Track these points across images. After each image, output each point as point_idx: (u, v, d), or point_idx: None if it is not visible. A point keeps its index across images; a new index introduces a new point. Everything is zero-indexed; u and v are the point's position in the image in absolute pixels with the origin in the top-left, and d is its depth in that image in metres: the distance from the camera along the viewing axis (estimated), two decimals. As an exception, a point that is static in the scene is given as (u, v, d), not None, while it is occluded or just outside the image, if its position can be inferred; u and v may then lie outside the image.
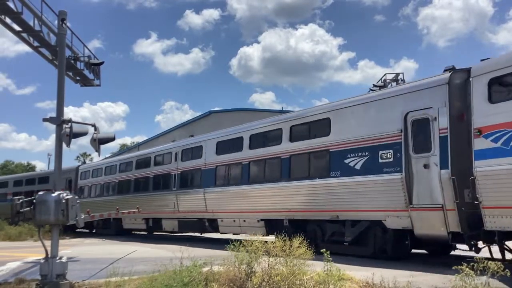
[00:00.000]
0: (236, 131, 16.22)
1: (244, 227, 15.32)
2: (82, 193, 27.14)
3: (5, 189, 35.65)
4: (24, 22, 10.82)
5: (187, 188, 18.39)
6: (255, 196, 14.74)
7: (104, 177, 25.89)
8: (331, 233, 12.34)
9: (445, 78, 9.68)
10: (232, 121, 28.85)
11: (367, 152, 11.06)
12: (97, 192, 26.31)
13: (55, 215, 7.55)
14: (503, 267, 5.20)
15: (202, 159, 17.60)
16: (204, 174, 17.31)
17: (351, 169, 11.39)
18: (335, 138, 12.05)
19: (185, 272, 6.65)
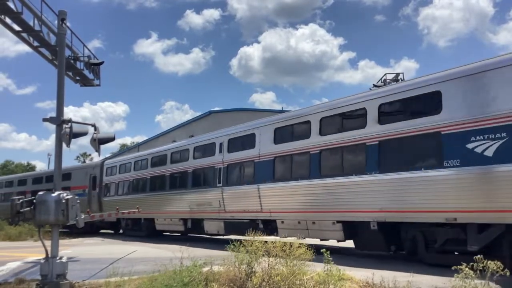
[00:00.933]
0: (301, 115, 13.67)
1: (314, 231, 12.80)
2: (108, 191, 25.39)
3: (25, 187, 33.99)
4: (24, 22, 10.83)
5: (237, 184, 15.72)
6: (329, 192, 12.10)
7: (133, 173, 23.40)
8: (444, 240, 9.88)
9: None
10: (232, 121, 28.87)
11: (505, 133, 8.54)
12: (125, 190, 23.97)
13: (55, 215, 7.55)
14: (502, 267, 5.20)
15: (255, 149, 15.02)
16: (258, 167, 14.71)
17: (478, 156, 8.86)
18: (449, 116, 9.51)
19: (185, 272, 6.66)
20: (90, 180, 26.99)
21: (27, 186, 33.96)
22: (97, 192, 26.33)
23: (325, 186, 12.14)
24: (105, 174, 26.06)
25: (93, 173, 27.02)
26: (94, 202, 26.35)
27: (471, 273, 5.25)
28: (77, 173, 28.31)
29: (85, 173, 27.61)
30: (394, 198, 10.38)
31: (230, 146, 16.34)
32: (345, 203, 11.62)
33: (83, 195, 26.22)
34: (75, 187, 26.90)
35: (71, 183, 27.40)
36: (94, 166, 27.80)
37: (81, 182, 27.45)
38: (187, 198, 18.40)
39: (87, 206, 24.52)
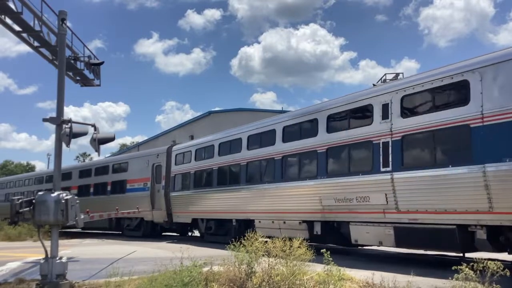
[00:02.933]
0: None
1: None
2: (179, 183, 19.94)
3: (69, 181, 28.07)
4: (24, 22, 10.84)
5: (428, 167, 9.73)
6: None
7: (218, 159, 17.22)
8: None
9: None
10: (232, 121, 28.88)
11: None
12: (205, 182, 18.11)
13: (54, 215, 7.54)
14: (502, 267, 5.20)
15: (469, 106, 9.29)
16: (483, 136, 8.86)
17: None
18: None
19: (185, 272, 6.65)
20: (153, 171, 21.72)
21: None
22: (163, 186, 20.98)
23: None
24: (174, 162, 20.44)
25: (157, 162, 21.64)
26: (159, 198, 21.29)
27: (471, 273, 5.26)
28: (136, 163, 23.39)
29: (146, 163, 22.28)
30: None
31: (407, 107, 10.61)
32: None
33: (144, 189, 22.09)
34: (133, 180, 23.01)
35: (128, 175, 23.55)
36: (158, 154, 22.04)
37: (141, 174, 22.50)
38: (314, 191, 12.50)
39: (149, 204, 21.51)
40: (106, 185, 25.33)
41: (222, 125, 23.91)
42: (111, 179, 25.20)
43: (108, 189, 25.15)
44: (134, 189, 22.89)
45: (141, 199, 21.71)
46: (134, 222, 22.95)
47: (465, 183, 8.96)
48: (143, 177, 22.42)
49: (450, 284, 5.66)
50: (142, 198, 21.79)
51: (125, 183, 23.57)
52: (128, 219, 23.16)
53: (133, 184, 23.03)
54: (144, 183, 22.25)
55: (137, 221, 22.76)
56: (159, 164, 21.58)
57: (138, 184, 22.62)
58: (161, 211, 21.05)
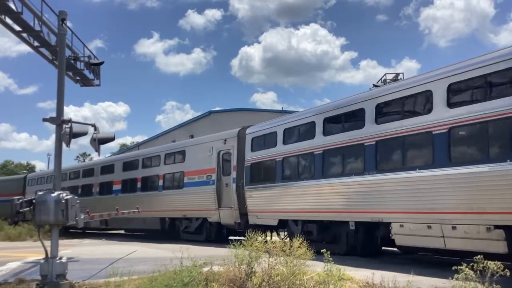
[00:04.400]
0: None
1: None
2: (258, 175, 15.53)
3: (111, 175, 24.58)
4: (24, 22, 10.85)
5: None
6: None
7: (324, 139, 12.67)
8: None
9: None
10: (232, 121, 28.86)
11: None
12: (301, 170, 13.70)
13: (54, 215, 7.54)
14: (502, 267, 5.20)
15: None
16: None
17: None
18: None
19: (185, 272, 6.65)
20: (220, 160, 17.42)
21: (100, 176, 25.67)
22: (234, 178, 16.59)
23: None
24: (249, 148, 15.91)
25: (225, 149, 17.35)
26: (227, 194, 16.86)
27: (471, 273, 5.25)
28: (195, 151, 18.97)
29: (209, 150, 17.88)
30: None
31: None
32: None
33: (207, 183, 17.68)
34: (193, 172, 18.63)
35: (185, 166, 19.19)
36: (226, 139, 17.50)
37: (203, 164, 18.24)
38: None
39: (214, 201, 17.21)
40: (157, 179, 20.85)
41: (222, 125, 23.59)
42: (163, 171, 20.54)
43: (160, 184, 20.51)
44: (194, 183, 18.48)
45: (203, 195, 17.77)
46: (194, 223, 18.48)
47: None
48: (205, 168, 17.99)
49: (450, 284, 5.65)
50: (205, 194, 17.65)
51: (183, 176, 19.16)
52: (185, 219, 19.10)
53: (192, 177, 18.56)
54: (207, 176, 17.78)
55: (197, 223, 18.28)
56: (227, 152, 17.14)
57: (199, 177, 18.14)
58: (230, 210, 16.48)
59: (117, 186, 23.60)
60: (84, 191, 26.05)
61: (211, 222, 17.71)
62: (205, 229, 18.16)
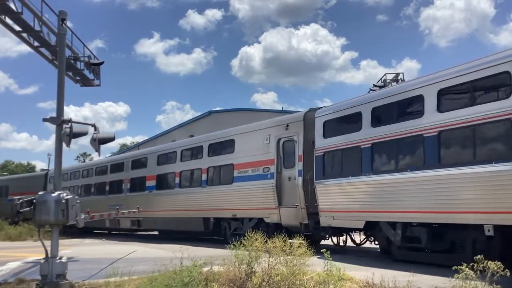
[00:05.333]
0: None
1: None
2: (327, 167, 12.75)
3: (145, 170, 21.70)
4: (24, 22, 10.84)
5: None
6: None
7: (440, 116, 9.76)
8: None
9: None
10: (232, 121, 28.80)
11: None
12: (405, 159, 10.71)
13: (55, 215, 7.55)
14: (503, 267, 5.20)
15: None
16: None
17: None
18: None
19: (185, 272, 6.66)
20: (280, 150, 14.63)
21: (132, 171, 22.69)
22: (299, 171, 13.85)
23: None
24: (320, 134, 13.04)
25: (286, 136, 14.50)
26: (290, 189, 14.13)
27: (471, 273, 5.25)
28: (247, 140, 16.15)
29: (266, 138, 15.20)
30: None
31: None
32: None
33: (264, 177, 14.89)
34: (244, 165, 15.82)
35: (234, 157, 16.43)
36: (288, 123, 14.61)
37: (257, 155, 15.46)
38: None
39: (273, 198, 14.41)
40: (199, 174, 18.02)
41: (222, 125, 22.99)
42: (207, 164, 17.61)
43: (203, 179, 17.64)
44: (246, 177, 15.65)
45: (259, 191, 15.00)
46: (247, 225, 15.35)
47: None
48: (261, 159, 15.20)
49: (450, 284, 5.65)
50: (261, 190, 14.87)
51: (232, 170, 16.33)
52: (235, 220, 16.20)
53: (244, 171, 15.75)
54: (264, 168, 14.98)
55: (251, 224, 15.19)
56: (290, 139, 14.33)
57: (254, 170, 15.36)
58: (294, 210, 13.77)
59: (151, 182, 20.72)
60: (113, 188, 23.60)
61: (268, 223, 14.64)
62: (260, 232, 14.94)
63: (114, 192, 23.21)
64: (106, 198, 23.45)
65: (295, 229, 13.73)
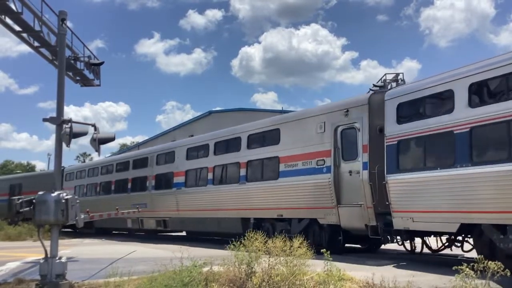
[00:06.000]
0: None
1: None
2: (403, 158, 10.79)
3: (171, 165, 19.72)
4: (24, 22, 10.85)
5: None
6: None
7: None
8: None
9: None
10: (232, 121, 28.78)
11: None
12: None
13: (54, 215, 7.55)
14: (503, 267, 5.20)
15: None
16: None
17: None
18: None
19: (185, 272, 6.65)
20: (337, 140, 12.51)
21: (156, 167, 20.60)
22: (364, 163, 11.73)
23: None
24: (392, 118, 10.99)
25: (345, 124, 12.40)
26: (352, 186, 12.06)
27: (472, 273, 5.25)
28: (295, 129, 13.99)
29: (318, 126, 13.07)
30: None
31: None
32: None
33: (318, 171, 12.78)
34: (293, 157, 13.68)
35: (280, 149, 14.27)
36: (348, 108, 12.40)
37: (308, 146, 13.33)
38: None
39: (330, 196, 12.32)
40: (237, 169, 15.83)
41: (222, 125, 22.70)
42: (246, 157, 15.49)
43: (241, 175, 15.58)
44: (295, 171, 13.54)
45: (311, 188, 12.96)
46: (296, 226, 13.55)
47: None
48: (313, 150, 13.13)
49: (451, 284, 5.65)
50: (315, 186, 12.86)
51: (277, 163, 14.24)
52: (280, 220, 14.21)
53: (293, 164, 13.66)
54: (318, 161, 12.86)
55: (301, 226, 13.39)
56: (351, 126, 12.27)
57: (305, 163, 13.24)
58: (358, 209, 11.66)
59: (179, 178, 18.68)
60: (135, 186, 21.54)
61: (322, 225, 12.78)
62: (312, 234, 12.89)
63: (137, 190, 21.26)
64: (128, 197, 21.66)
65: (358, 232, 12.07)
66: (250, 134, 15.78)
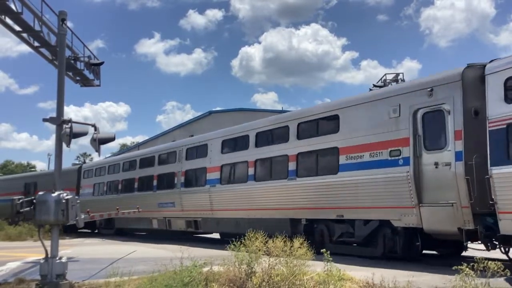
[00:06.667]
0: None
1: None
2: None
3: (204, 160, 17.56)
4: (24, 22, 10.86)
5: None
6: None
7: None
8: None
9: None
10: (232, 121, 28.78)
11: None
12: None
13: (55, 215, 7.56)
14: (503, 267, 5.21)
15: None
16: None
17: None
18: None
19: (185, 272, 6.66)
20: (417, 126, 10.45)
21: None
22: (458, 153, 9.58)
23: None
24: (498, 97, 9.01)
25: (428, 106, 10.29)
26: (439, 180, 9.93)
27: (471, 273, 5.26)
28: (360, 114, 11.78)
29: (391, 110, 10.91)
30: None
31: None
32: None
33: (392, 163, 10.70)
34: (356, 148, 11.61)
35: (339, 138, 12.11)
36: (431, 88, 10.24)
37: (377, 134, 11.23)
38: None
39: (409, 193, 10.27)
40: (285, 162, 13.68)
41: (222, 125, 22.58)
42: (296, 149, 13.35)
43: (290, 169, 13.39)
44: (360, 164, 11.42)
45: (383, 183, 10.92)
46: (361, 229, 11.50)
47: None
48: (383, 139, 11.02)
49: (450, 284, 5.66)
50: (388, 181, 10.81)
51: (336, 155, 12.08)
52: (340, 222, 12.09)
53: (357, 156, 11.53)
54: (391, 151, 10.78)
55: (368, 229, 11.38)
56: (436, 109, 10.17)
57: (373, 154, 11.18)
58: (449, 209, 9.57)
59: (213, 174, 16.66)
60: (162, 183, 19.57)
61: (395, 228, 10.76)
62: (381, 239, 11.08)
63: (164, 188, 19.29)
64: (153, 195, 19.79)
65: (447, 237, 10.16)
66: (300, 123, 13.52)
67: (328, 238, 12.37)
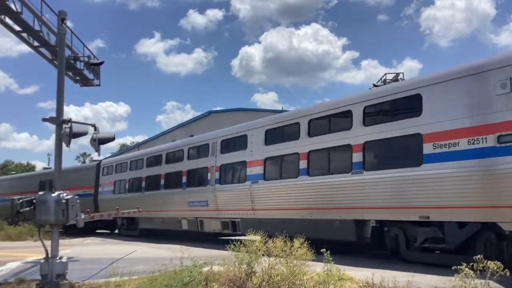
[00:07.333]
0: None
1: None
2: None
3: (243, 153, 15.61)
4: (24, 22, 10.86)
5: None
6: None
7: None
8: None
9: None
10: (232, 121, 28.76)
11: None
12: None
13: (55, 215, 7.56)
14: (502, 267, 5.21)
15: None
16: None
17: None
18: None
19: (185, 272, 6.67)
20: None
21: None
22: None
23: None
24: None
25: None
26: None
27: (471, 273, 5.26)
28: (451, 92, 9.46)
29: (498, 85, 8.61)
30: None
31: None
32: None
33: (500, 151, 8.46)
34: (445, 134, 9.37)
35: (422, 122, 9.95)
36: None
37: (475, 117, 8.97)
38: None
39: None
40: (347, 154, 11.52)
41: (222, 125, 22.45)
42: (362, 138, 11.29)
43: (355, 161, 11.34)
44: (452, 154, 9.29)
45: (488, 178, 8.73)
46: (453, 234, 9.45)
47: None
48: (485, 122, 8.87)
49: (450, 284, 5.66)
50: (495, 175, 8.61)
51: (419, 144, 9.90)
52: (423, 225, 10.09)
53: (449, 143, 9.37)
54: (499, 137, 8.56)
55: (465, 232, 9.33)
56: None
57: (471, 141, 9.00)
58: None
59: (254, 169, 14.76)
60: (193, 179, 17.87)
61: (501, 233, 8.72)
62: (482, 245, 9.05)
63: (194, 185, 17.57)
64: (182, 193, 18.11)
65: None
66: (367, 105, 11.33)
67: (404, 243, 10.41)
